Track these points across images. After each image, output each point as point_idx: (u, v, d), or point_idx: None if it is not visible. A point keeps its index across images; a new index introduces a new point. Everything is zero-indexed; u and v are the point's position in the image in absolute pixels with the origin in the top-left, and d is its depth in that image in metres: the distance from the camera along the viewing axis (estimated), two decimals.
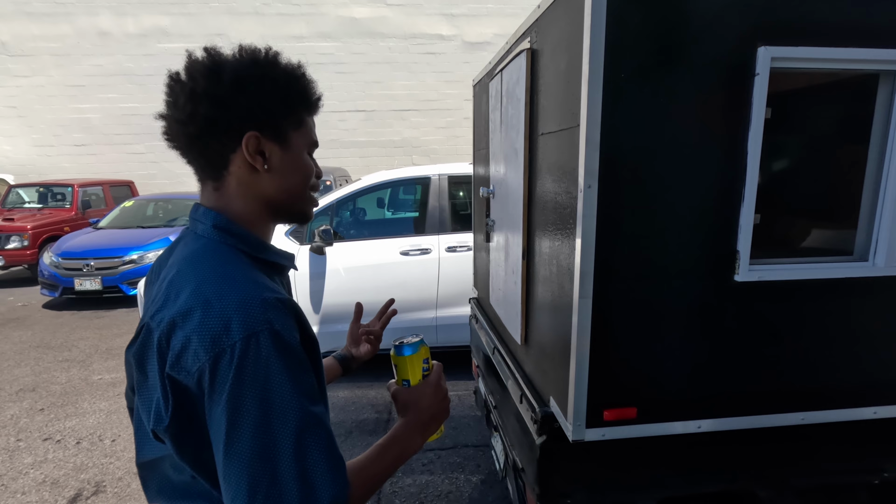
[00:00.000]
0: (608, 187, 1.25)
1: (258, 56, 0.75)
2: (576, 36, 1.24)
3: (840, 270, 1.38)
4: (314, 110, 0.82)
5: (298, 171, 0.79)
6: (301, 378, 0.65)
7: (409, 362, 0.87)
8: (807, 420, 1.47)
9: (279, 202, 0.79)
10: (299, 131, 0.78)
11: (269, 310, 0.65)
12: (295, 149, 0.78)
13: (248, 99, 0.72)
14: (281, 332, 0.65)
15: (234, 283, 0.67)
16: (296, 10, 10.34)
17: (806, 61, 1.25)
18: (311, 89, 0.80)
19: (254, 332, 0.62)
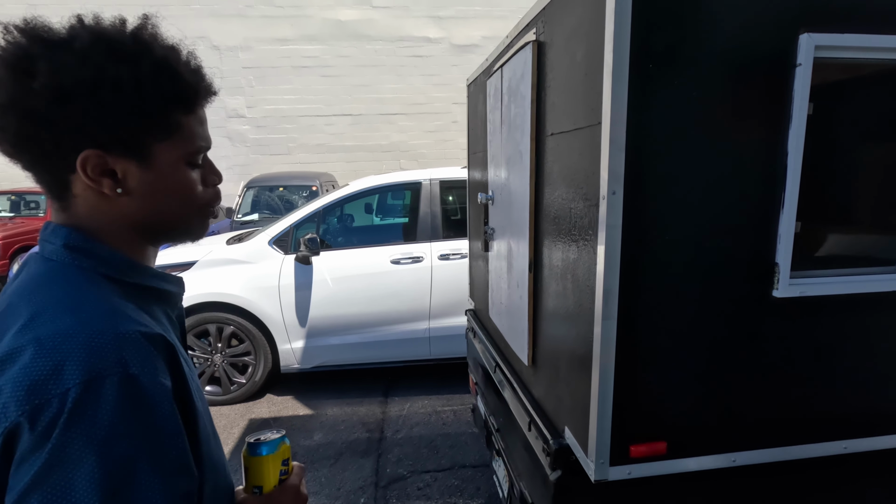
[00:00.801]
0: (633, 193, 1.09)
1: (93, 43, 0.55)
2: (596, 21, 1.09)
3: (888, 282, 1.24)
4: (196, 106, 0.63)
5: (171, 191, 0.62)
6: (163, 442, 0.51)
7: (265, 464, 0.70)
8: (849, 449, 1.32)
9: (150, 226, 0.63)
10: (170, 141, 0.60)
11: (126, 347, 0.51)
12: (163, 165, 0.60)
13: (77, 111, 0.54)
14: (139, 378, 0.50)
15: (81, 314, 0.52)
16: (280, 13, 10.12)
17: (855, 50, 1.11)
18: (185, 83, 0.60)
19: (97, 377, 0.47)
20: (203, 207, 0.66)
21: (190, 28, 9.92)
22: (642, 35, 1.03)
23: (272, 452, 0.70)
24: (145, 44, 0.58)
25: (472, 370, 2.65)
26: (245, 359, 3.59)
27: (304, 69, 10.29)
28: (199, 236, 0.69)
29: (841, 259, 1.28)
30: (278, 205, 7.09)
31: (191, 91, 0.61)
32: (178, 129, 0.61)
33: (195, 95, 0.62)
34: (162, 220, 0.63)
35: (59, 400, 0.46)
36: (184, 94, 0.60)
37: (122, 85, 0.55)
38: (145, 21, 0.60)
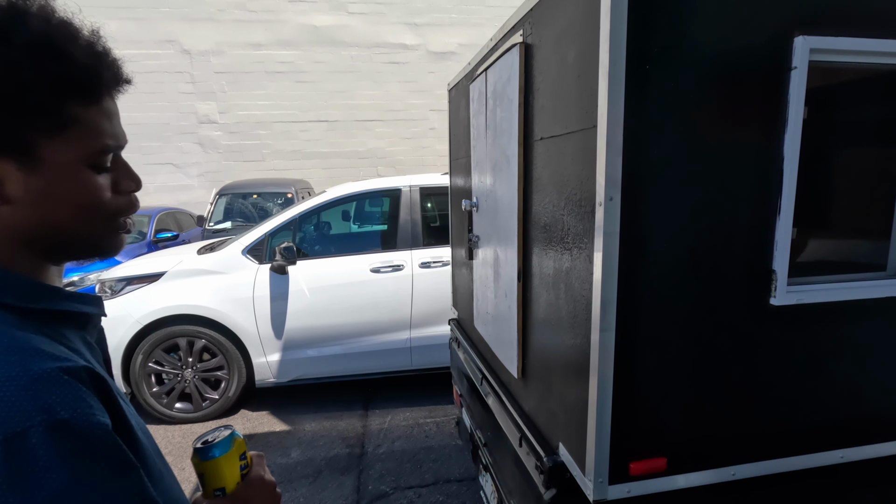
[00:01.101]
0: (630, 199, 1.05)
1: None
2: (590, 22, 1.05)
3: (884, 288, 1.22)
4: (97, 96, 0.52)
5: (66, 198, 0.51)
6: (113, 485, 0.44)
7: (222, 465, 0.64)
8: (846, 458, 1.30)
9: (43, 241, 0.52)
10: (63, 138, 0.50)
11: (46, 389, 0.42)
12: (54, 166, 0.50)
13: None
14: (71, 421, 0.42)
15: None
16: (253, 17, 9.94)
17: (851, 54, 1.09)
18: (83, 65, 0.50)
19: (19, 433, 0.39)
20: (111, 218, 0.56)
21: (159, 31, 9.66)
22: (638, 36, 0.99)
23: (226, 452, 0.64)
24: (23, 16, 0.48)
25: (457, 381, 2.58)
26: (218, 373, 3.43)
27: (278, 74, 10.11)
28: (111, 252, 0.58)
29: (836, 265, 1.26)
30: (252, 212, 6.90)
31: (89, 77, 0.51)
32: (73, 124, 0.50)
33: (96, 82, 0.52)
34: (57, 234, 0.52)
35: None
36: (79, 79, 0.50)
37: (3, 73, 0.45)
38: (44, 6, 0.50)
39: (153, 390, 3.37)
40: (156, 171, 9.91)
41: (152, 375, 3.37)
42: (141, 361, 3.29)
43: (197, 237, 7.72)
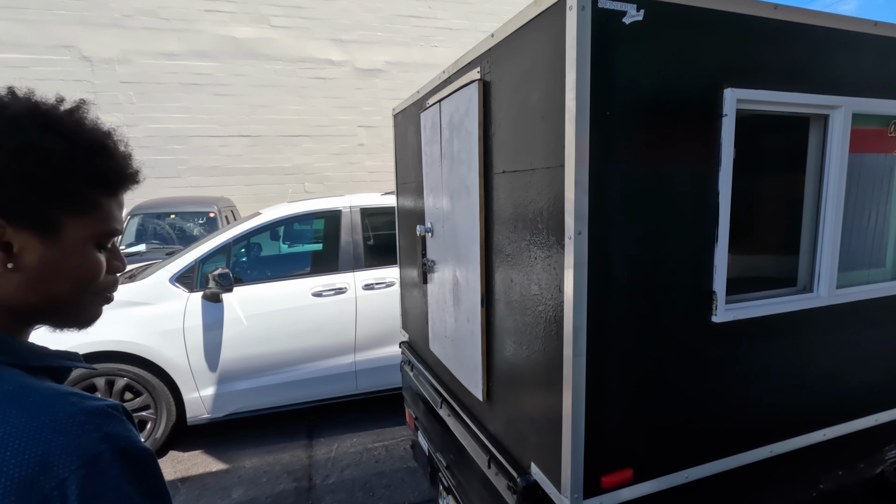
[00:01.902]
0: (596, 233, 1.14)
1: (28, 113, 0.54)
2: (553, 68, 1.14)
3: (798, 303, 1.42)
4: (119, 190, 0.62)
5: (71, 272, 0.57)
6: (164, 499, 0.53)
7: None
8: (775, 451, 1.48)
9: (31, 310, 0.57)
10: (84, 219, 0.57)
11: (103, 422, 0.49)
12: (69, 242, 0.57)
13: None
14: (128, 448, 0.49)
15: (25, 404, 0.48)
16: (165, 25, 9.33)
17: (764, 104, 1.28)
18: (115, 165, 0.60)
19: (93, 459, 0.46)
20: (98, 293, 0.62)
21: (53, 35, 8.78)
22: (599, 86, 1.09)
23: None
24: (81, 122, 0.58)
25: (411, 404, 2.57)
26: (143, 413, 3.15)
27: (194, 87, 9.56)
28: (88, 324, 0.64)
29: (762, 283, 1.44)
30: (169, 234, 6.41)
31: (116, 174, 0.60)
32: (95, 209, 0.59)
33: (121, 178, 0.61)
34: (51, 303, 0.57)
35: (59, 491, 0.44)
36: (109, 175, 0.59)
37: (52, 158, 0.53)
38: (82, 103, 0.61)
39: None
40: None
41: None
42: None
43: None
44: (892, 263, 1.65)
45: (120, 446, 0.48)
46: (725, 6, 1.19)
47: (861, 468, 1.86)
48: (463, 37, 10.99)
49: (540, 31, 1.19)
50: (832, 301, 1.47)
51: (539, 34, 1.19)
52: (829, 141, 1.42)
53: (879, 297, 1.58)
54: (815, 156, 1.45)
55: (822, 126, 1.43)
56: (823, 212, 1.45)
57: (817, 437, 1.56)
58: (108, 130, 0.61)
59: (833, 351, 1.53)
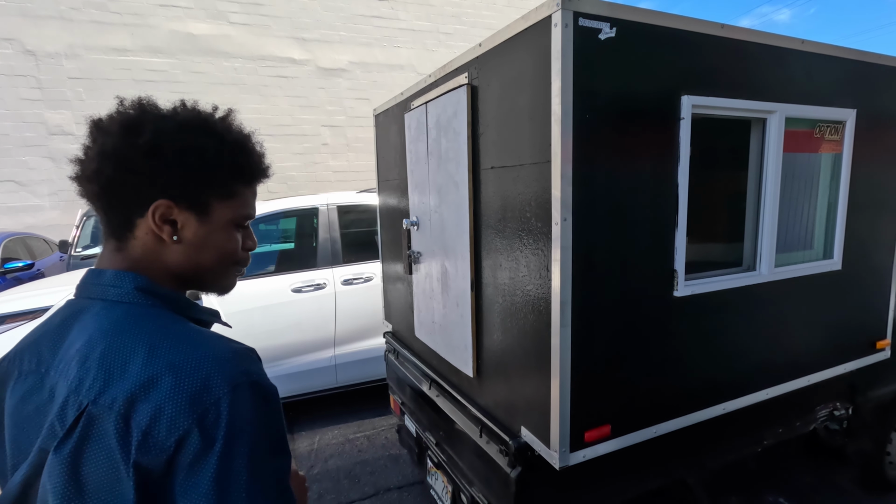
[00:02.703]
0: (578, 219, 1.32)
1: (191, 119, 0.68)
2: (539, 76, 1.31)
3: (744, 279, 1.66)
4: (254, 181, 0.75)
5: (216, 246, 0.72)
6: (280, 428, 0.64)
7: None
8: (727, 409, 1.72)
9: (185, 275, 0.71)
10: (227, 203, 0.72)
11: (243, 360, 0.62)
12: (216, 221, 0.71)
13: (164, 167, 0.65)
14: (260, 382, 0.62)
15: (194, 340, 0.62)
16: (116, 20, 8.98)
17: (714, 108, 1.49)
18: (252, 161, 0.74)
19: (236, 386, 0.59)
20: (236, 265, 0.76)
21: None
22: (580, 93, 1.27)
23: None
24: (229, 126, 0.72)
25: (397, 391, 2.70)
26: None
27: (148, 83, 9.23)
28: (226, 290, 0.78)
29: (714, 264, 1.67)
30: None
31: (255, 169, 0.74)
32: (236, 196, 0.72)
33: (257, 173, 0.75)
34: (199, 270, 0.72)
35: (216, 406, 0.57)
36: (249, 169, 0.73)
37: (207, 156, 0.68)
38: (230, 112, 0.75)
39: None
40: None
41: None
42: None
43: (58, 266, 6.73)
44: (820, 246, 1.93)
45: (254, 380, 0.60)
46: (681, 25, 1.39)
47: (797, 425, 2.14)
48: (425, 38, 11.13)
49: (527, 44, 1.35)
50: (771, 278, 1.72)
51: (526, 46, 1.36)
52: (767, 141, 1.66)
53: (810, 274, 1.85)
54: (756, 154, 1.70)
55: (761, 128, 1.67)
56: (763, 202, 1.69)
57: (761, 395, 1.80)
58: (249, 133, 0.75)
59: (773, 320, 1.79)
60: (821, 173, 1.86)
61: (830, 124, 1.81)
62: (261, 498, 0.57)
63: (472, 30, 11.44)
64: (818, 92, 1.73)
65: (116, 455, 0.54)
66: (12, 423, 0.65)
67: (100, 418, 0.55)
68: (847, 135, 1.83)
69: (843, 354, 2.03)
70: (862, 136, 1.86)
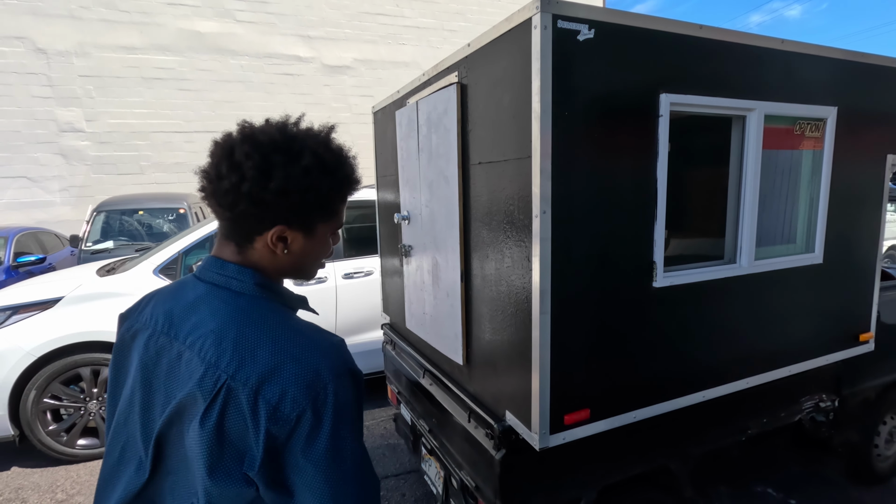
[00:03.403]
0: (557, 212, 1.38)
1: (313, 162, 0.77)
2: (522, 76, 1.37)
3: (724, 271, 1.71)
4: (349, 197, 0.86)
5: (315, 254, 0.86)
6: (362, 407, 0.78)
7: None
8: (707, 397, 1.78)
9: (288, 273, 0.86)
10: (329, 222, 0.84)
11: (342, 353, 0.76)
12: (319, 236, 0.84)
13: (289, 204, 0.77)
14: (355, 372, 0.76)
15: (308, 336, 0.76)
16: (125, 18, 9.11)
17: (692, 106, 1.55)
18: (352, 183, 0.84)
19: (339, 374, 0.73)
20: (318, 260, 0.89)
21: (4, 27, 8.43)
22: (559, 91, 1.33)
23: None
24: (340, 162, 0.81)
25: (393, 381, 2.78)
26: None
27: (156, 81, 9.38)
28: (311, 279, 0.92)
29: (698, 257, 1.73)
30: (138, 231, 6.35)
31: (350, 190, 0.84)
32: (336, 214, 0.85)
33: (352, 191, 0.85)
34: (297, 270, 0.86)
35: (324, 391, 0.70)
36: (347, 192, 0.84)
37: (322, 192, 0.79)
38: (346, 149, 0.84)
39: (49, 429, 3.07)
40: (3, 186, 8.59)
41: (48, 412, 3.07)
42: (34, 398, 2.98)
43: (69, 260, 6.88)
44: (802, 240, 1.98)
45: (349, 369, 0.74)
46: (659, 26, 1.45)
47: (782, 416, 2.19)
48: (430, 35, 11.18)
49: (510, 45, 1.42)
50: (751, 270, 1.77)
51: (509, 47, 1.42)
52: (747, 138, 1.71)
53: (791, 267, 1.90)
54: (737, 151, 1.75)
55: (741, 126, 1.72)
56: (743, 197, 1.74)
57: (741, 384, 1.86)
58: (350, 156, 0.83)
59: (754, 312, 1.84)
60: (802, 169, 1.91)
61: (811, 121, 1.85)
62: (361, 467, 0.72)
63: (477, 27, 11.47)
64: (798, 90, 1.78)
65: (248, 420, 0.69)
66: (143, 368, 0.79)
67: (236, 391, 0.69)
68: (828, 132, 1.88)
69: (826, 346, 2.08)
70: (843, 133, 1.90)
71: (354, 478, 0.72)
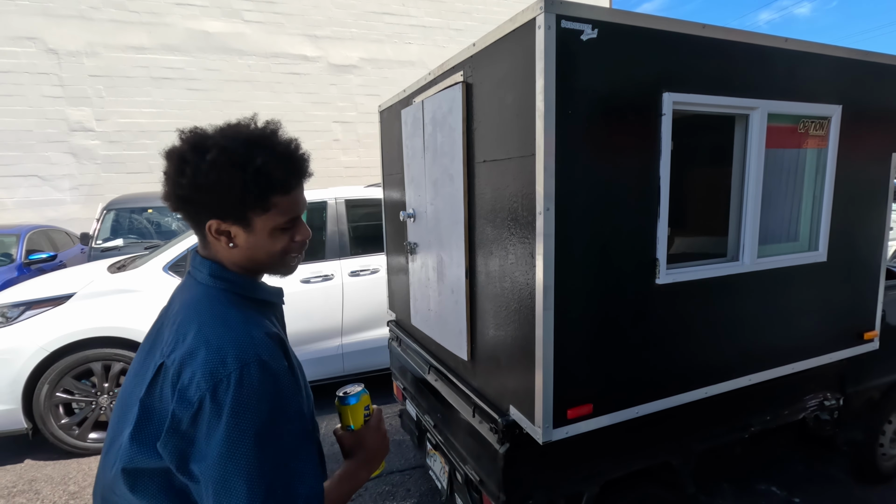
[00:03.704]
0: (560, 210, 1.40)
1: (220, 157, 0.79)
2: (525, 76, 1.39)
3: (726, 269, 1.73)
4: (291, 190, 0.86)
5: (264, 249, 0.87)
6: (287, 401, 0.78)
7: (353, 410, 0.98)
8: (709, 393, 1.79)
9: (248, 267, 0.89)
10: (265, 216, 0.84)
11: (258, 344, 0.78)
12: (260, 231, 0.85)
13: (204, 199, 0.81)
14: (269, 362, 0.77)
15: (229, 324, 0.80)
16: (134, 18, 9.20)
17: (695, 105, 1.56)
18: (286, 174, 0.84)
19: (247, 363, 0.75)
20: (285, 256, 0.90)
21: (13, 26, 8.54)
22: (562, 91, 1.35)
23: (357, 401, 0.98)
24: (251, 156, 0.80)
25: (399, 377, 2.81)
26: None
27: (165, 81, 9.46)
28: (288, 273, 0.94)
29: (701, 255, 1.74)
30: (147, 228, 6.42)
31: (286, 181, 0.84)
32: (273, 207, 0.84)
33: (290, 183, 0.85)
34: (257, 265, 0.89)
35: (226, 380, 0.73)
36: (280, 184, 0.83)
37: (234, 185, 0.80)
38: (264, 129, 0.85)
39: (62, 422, 3.13)
40: (15, 185, 8.71)
41: (60, 406, 3.12)
42: (47, 392, 3.04)
43: (80, 258, 6.97)
44: (806, 238, 1.98)
45: (261, 360, 0.76)
46: (662, 26, 1.47)
47: (785, 414, 2.20)
48: (435, 34, 11.20)
49: (514, 45, 1.44)
50: (754, 268, 1.79)
51: (514, 47, 1.44)
52: (750, 137, 1.72)
53: (795, 264, 1.91)
54: (740, 149, 1.76)
55: (744, 124, 1.73)
56: (746, 195, 1.75)
57: (744, 381, 1.87)
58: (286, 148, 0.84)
59: (756, 309, 1.85)
60: (806, 168, 1.92)
61: (815, 120, 1.86)
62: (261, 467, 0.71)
63: (483, 26, 11.47)
64: (802, 88, 1.79)
65: (169, 398, 0.75)
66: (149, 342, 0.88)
67: (166, 370, 0.76)
68: (833, 130, 1.88)
69: (829, 344, 2.09)
70: (848, 132, 1.91)
71: (248, 477, 0.70)
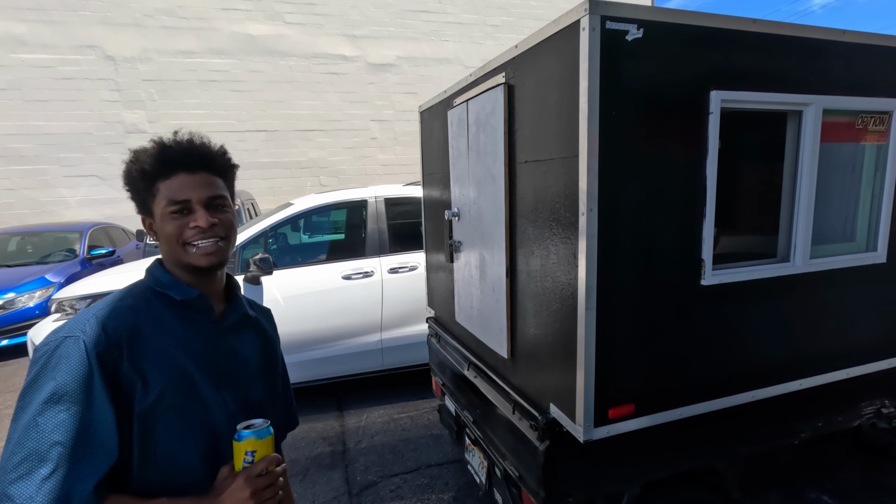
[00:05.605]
0: (604, 210, 1.41)
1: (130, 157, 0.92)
2: (568, 77, 1.40)
3: (776, 270, 1.68)
4: (170, 175, 0.90)
5: (163, 234, 0.92)
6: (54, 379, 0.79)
7: (236, 448, 0.85)
8: (756, 397, 1.75)
9: (170, 259, 0.95)
10: (156, 200, 0.91)
11: (89, 321, 0.83)
12: (158, 216, 0.92)
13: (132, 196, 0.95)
14: (81, 338, 0.80)
15: (95, 307, 0.86)
16: (184, 24, 9.63)
17: (744, 102, 1.53)
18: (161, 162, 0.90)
19: (69, 336, 0.81)
20: (184, 244, 0.92)
21: (77, 35, 9.09)
22: (606, 91, 1.35)
23: (242, 441, 0.84)
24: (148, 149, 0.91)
25: (438, 373, 2.86)
26: None
27: (212, 83, 9.86)
28: (198, 264, 0.92)
29: (743, 254, 1.70)
30: None
31: (163, 168, 0.90)
32: (158, 191, 0.91)
33: (167, 169, 0.91)
34: (168, 255, 0.94)
35: (44, 347, 0.82)
36: (159, 168, 0.90)
37: (130, 176, 0.93)
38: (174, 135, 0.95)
39: None
40: (77, 184, 9.30)
41: None
42: None
43: (135, 253, 7.39)
44: (863, 238, 1.90)
45: (69, 336, 0.81)
46: (711, 23, 1.44)
47: (839, 421, 2.12)
48: (472, 31, 11.19)
49: (558, 47, 1.45)
50: (806, 269, 1.73)
51: (557, 48, 1.46)
52: (803, 133, 1.67)
53: (850, 266, 1.84)
54: (792, 146, 1.71)
55: (797, 120, 1.68)
56: (798, 193, 1.70)
57: (794, 386, 1.82)
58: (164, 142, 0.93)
59: (808, 312, 1.79)
60: (864, 164, 1.84)
61: (874, 115, 1.78)
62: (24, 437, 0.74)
63: (520, 21, 11.38)
64: (861, 82, 1.72)
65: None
66: None
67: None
68: (894, 125, 1.80)
69: (888, 350, 2.00)
70: None
71: (12, 440, 0.75)
